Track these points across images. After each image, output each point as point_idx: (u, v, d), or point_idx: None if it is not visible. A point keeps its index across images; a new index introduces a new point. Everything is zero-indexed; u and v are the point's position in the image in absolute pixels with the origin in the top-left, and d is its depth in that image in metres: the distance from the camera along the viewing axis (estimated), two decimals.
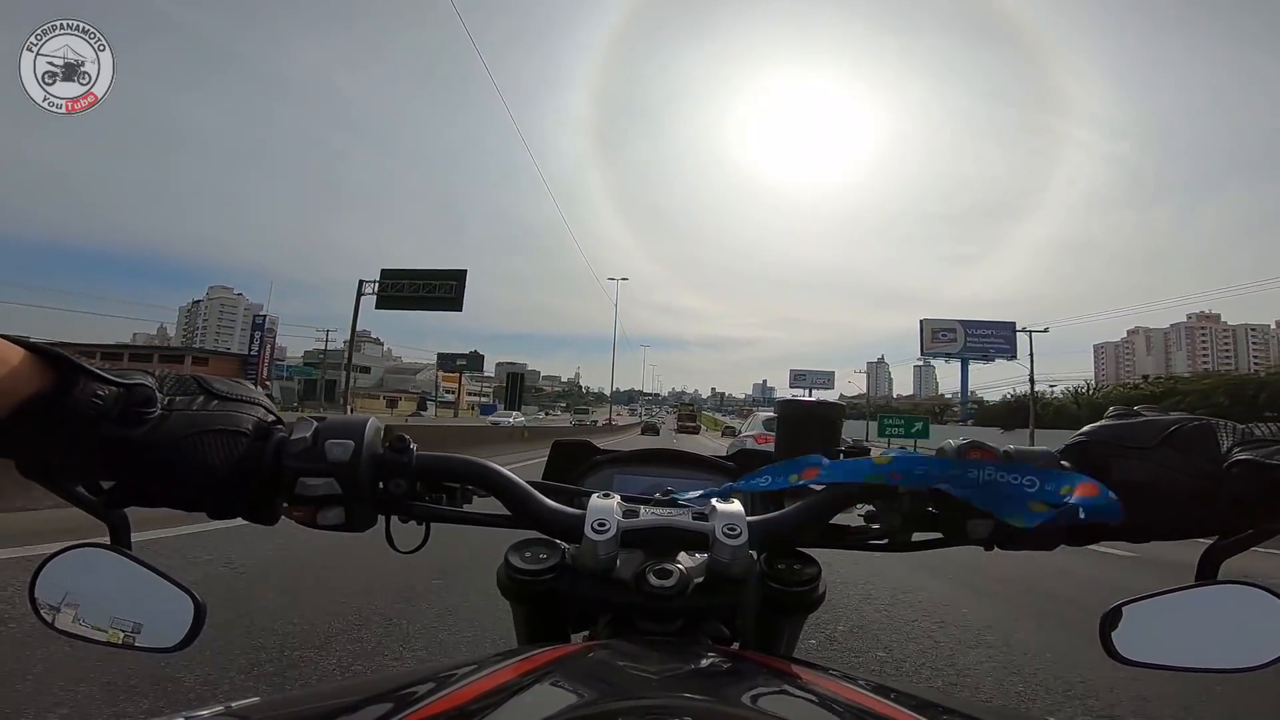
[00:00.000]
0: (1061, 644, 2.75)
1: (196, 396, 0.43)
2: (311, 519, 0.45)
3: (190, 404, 0.43)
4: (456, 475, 0.51)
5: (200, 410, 0.43)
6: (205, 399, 0.43)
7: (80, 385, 0.38)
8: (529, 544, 0.48)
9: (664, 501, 0.51)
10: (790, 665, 0.41)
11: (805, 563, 0.48)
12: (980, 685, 2.31)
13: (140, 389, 0.40)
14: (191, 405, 0.43)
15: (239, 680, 1.97)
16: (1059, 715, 2.08)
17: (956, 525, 0.46)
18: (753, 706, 0.32)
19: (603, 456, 0.78)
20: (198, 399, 0.43)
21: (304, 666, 2.13)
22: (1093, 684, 2.26)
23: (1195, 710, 2.10)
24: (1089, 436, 0.46)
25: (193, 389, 0.44)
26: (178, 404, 0.42)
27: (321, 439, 0.44)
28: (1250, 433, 0.42)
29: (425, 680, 0.33)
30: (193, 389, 0.44)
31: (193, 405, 0.43)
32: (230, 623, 2.38)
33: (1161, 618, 0.42)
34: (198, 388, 0.44)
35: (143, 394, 0.40)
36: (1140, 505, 0.42)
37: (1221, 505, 0.41)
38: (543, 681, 0.34)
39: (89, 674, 1.88)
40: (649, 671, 0.37)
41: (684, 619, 0.47)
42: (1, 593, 2.50)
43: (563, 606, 0.48)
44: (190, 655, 1.97)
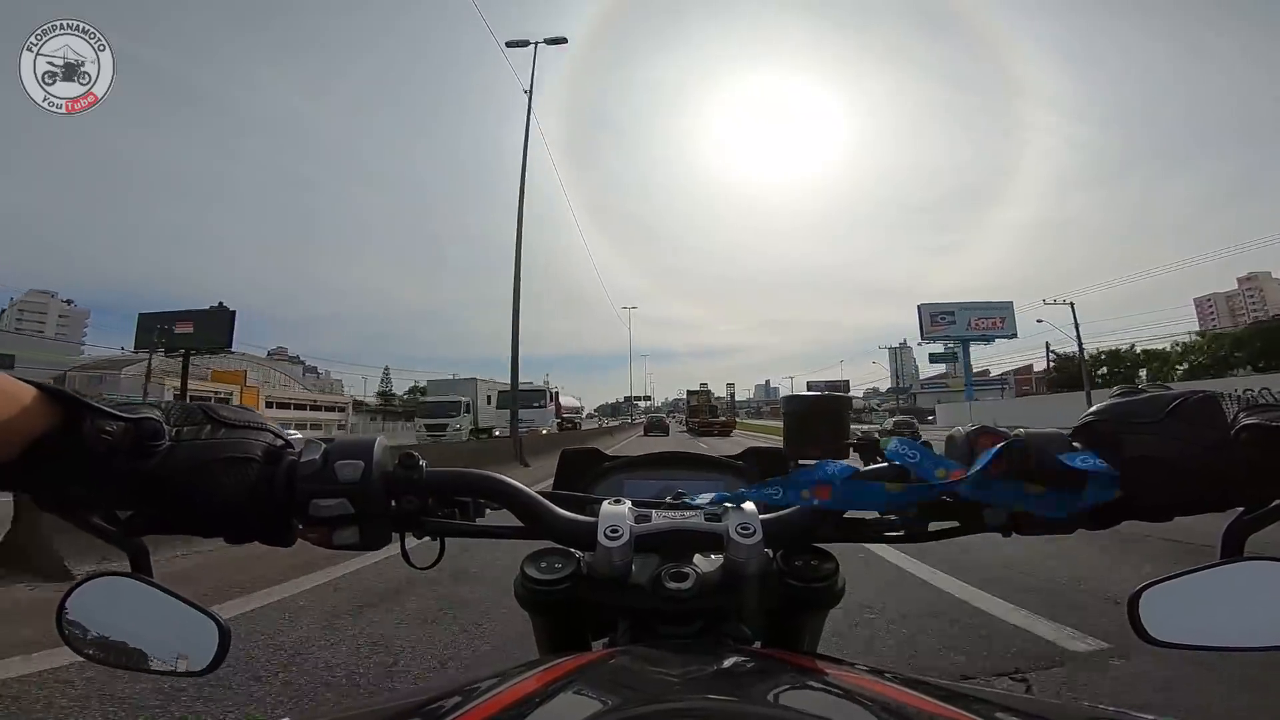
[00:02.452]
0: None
1: (204, 426, 0.45)
2: (326, 539, 0.45)
3: (198, 434, 0.44)
4: (467, 489, 0.51)
5: (208, 440, 0.44)
6: (213, 428, 0.45)
7: (88, 422, 0.40)
8: (544, 554, 0.48)
9: (675, 504, 0.51)
10: (815, 661, 0.41)
11: (822, 558, 0.48)
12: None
13: (147, 423, 0.41)
14: (199, 435, 0.44)
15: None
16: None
17: (973, 512, 0.46)
18: (781, 705, 0.32)
19: (611, 463, 0.78)
20: (205, 428, 0.44)
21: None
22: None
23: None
24: (1097, 416, 0.46)
25: (199, 419, 0.45)
26: (185, 434, 0.44)
27: (332, 460, 0.45)
28: (1255, 400, 0.43)
29: (450, 695, 0.34)
30: (199, 419, 0.45)
31: (200, 435, 0.44)
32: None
33: (1189, 597, 0.42)
34: (204, 417, 0.45)
35: (150, 427, 0.42)
36: (1153, 479, 0.42)
37: (1235, 475, 0.41)
38: (567, 690, 0.34)
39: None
40: (673, 675, 0.36)
41: (703, 621, 0.47)
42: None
43: (581, 615, 0.48)
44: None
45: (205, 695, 1.95)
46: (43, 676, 2.10)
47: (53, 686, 2.04)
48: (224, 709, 1.91)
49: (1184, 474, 0.42)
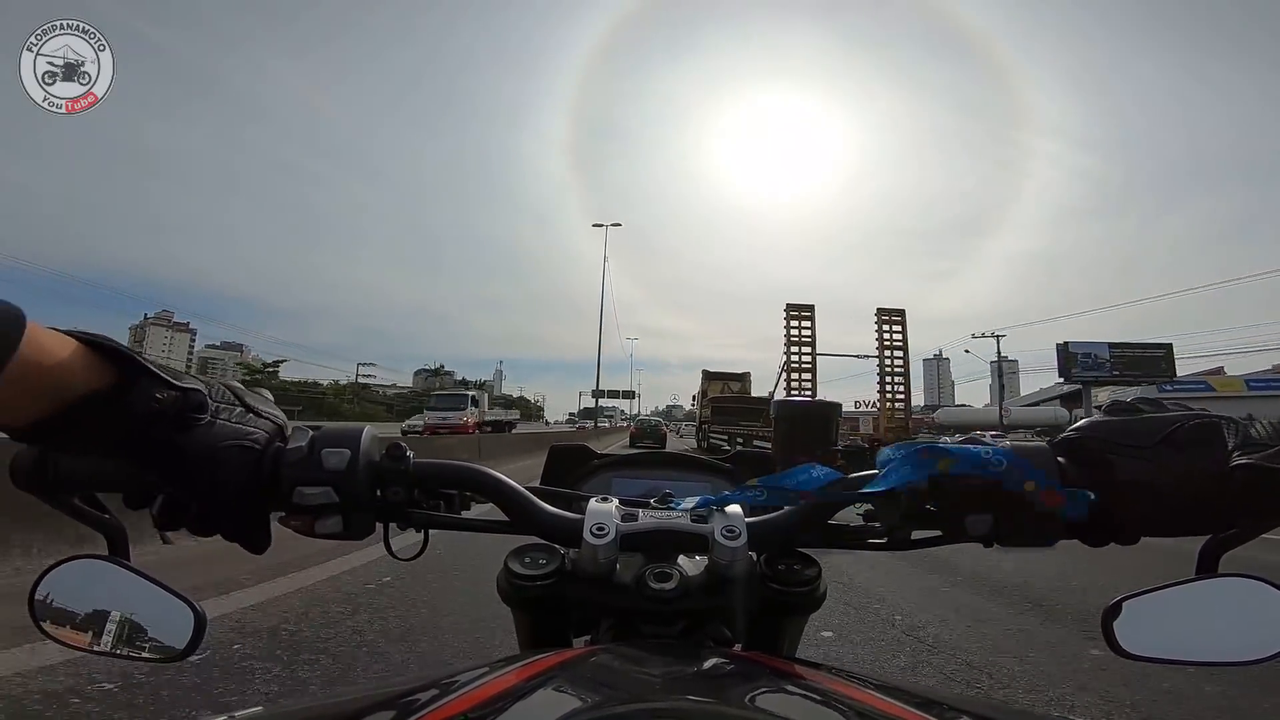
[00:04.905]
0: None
1: (235, 407, 0.43)
2: (309, 528, 0.44)
3: (231, 414, 0.43)
4: (454, 482, 0.51)
5: (237, 422, 0.43)
6: (242, 410, 0.44)
7: (140, 385, 0.37)
8: (528, 549, 0.48)
9: (662, 505, 0.51)
10: (793, 665, 0.41)
11: (805, 563, 0.48)
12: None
13: (195, 394, 0.40)
14: (232, 415, 0.43)
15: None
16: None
17: (955, 523, 0.46)
18: (757, 707, 0.32)
19: (600, 460, 0.78)
20: (236, 409, 0.43)
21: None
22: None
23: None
24: (1081, 433, 0.45)
25: (230, 399, 0.44)
26: (221, 413, 0.42)
27: (318, 448, 0.44)
28: (1249, 432, 0.42)
29: (428, 687, 0.33)
30: (230, 399, 0.44)
31: (233, 416, 0.43)
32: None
33: (1163, 611, 0.42)
34: (234, 398, 0.44)
35: (197, 399, 0.40)
36: (1141, 506, 0.42)
37: (1223, 506, 0.41)
38: (546, 686, 0.34)
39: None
40: (653, 674, 0.37)
41: (685, 621, 0.47)
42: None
43: (564, 611, 0.48)
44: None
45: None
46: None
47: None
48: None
49: (1171, 503, 0.42)
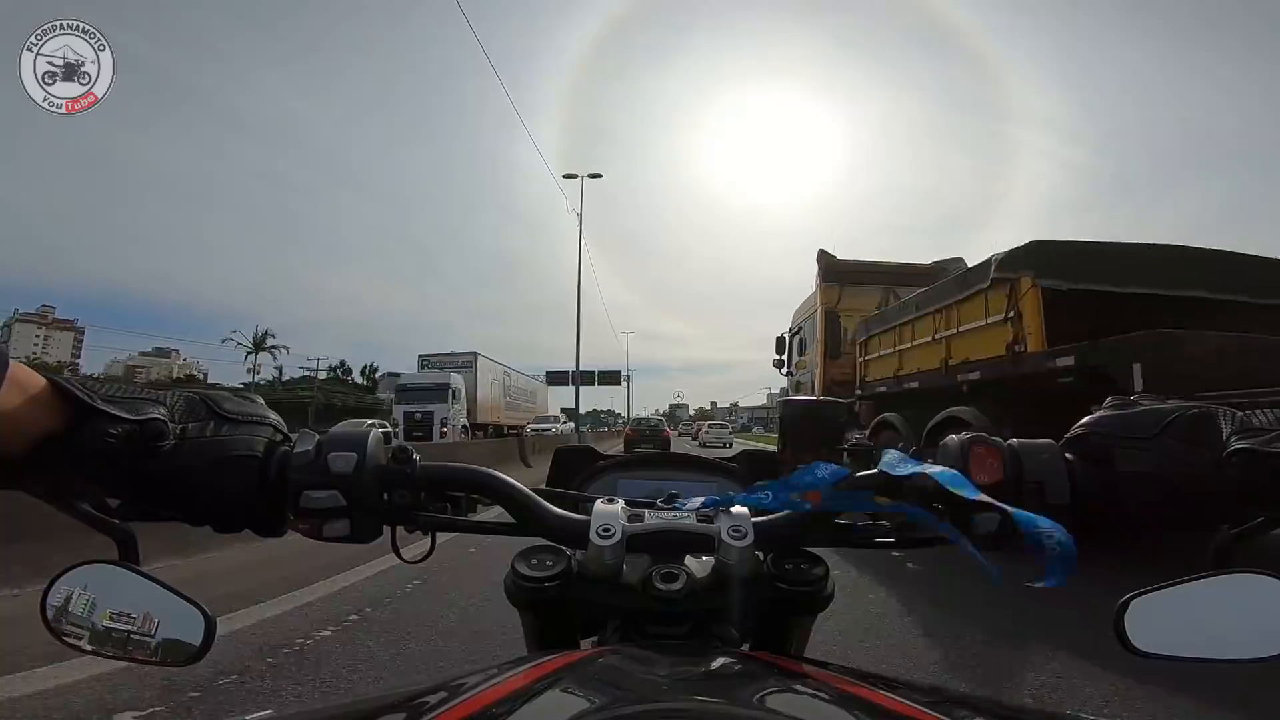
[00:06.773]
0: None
1: (208, 422, 0.44)
2: (317, 531, 0.45)
3: (203, 430, 0.43)
4: (460, 484, 0.51)
5: (213, 437, 0.43)
6: (216, 423, 0.44)
7: (92, 424, 0.39)
8: (535, 551, 0.48)
9: (668, 505, 0.51)
10: (801, 665, 0.41)
11: (812, 562, 0.48)
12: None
13: (153, 424, 0.41)
14: (204, 432, 0.43)
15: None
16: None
17: (962, 522, 0.46)
18: (766, 707, 0.32)
19: (605, 462, 0.78)
20: (209, 424, 0.44)
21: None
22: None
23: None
24: (1088, 428, 0.46)
25: (203, 413, 0.44)
26: (190, 431, 0.43)
27: (325, 452, 0.44)
28: (1249, 419, 0.42)
29: (437, 690, 0.33)
30: (203, 413, 0.44)
31: (205, 431, 0.43)
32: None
33: (1175, 608, 0.42)
34: (207, 411, 0.44)
35: (155, 429, 0.41)
36: (1145, 496, 0.42)
37: (1225, 494, 0.41)
38: (555, 688, 0.34)
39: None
40: (660, 675, 0.36)
41: (692, 622, 0.47)
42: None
43: (571, 613, 0.48)
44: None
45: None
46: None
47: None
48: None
49: (1176, 492, 0.42)
